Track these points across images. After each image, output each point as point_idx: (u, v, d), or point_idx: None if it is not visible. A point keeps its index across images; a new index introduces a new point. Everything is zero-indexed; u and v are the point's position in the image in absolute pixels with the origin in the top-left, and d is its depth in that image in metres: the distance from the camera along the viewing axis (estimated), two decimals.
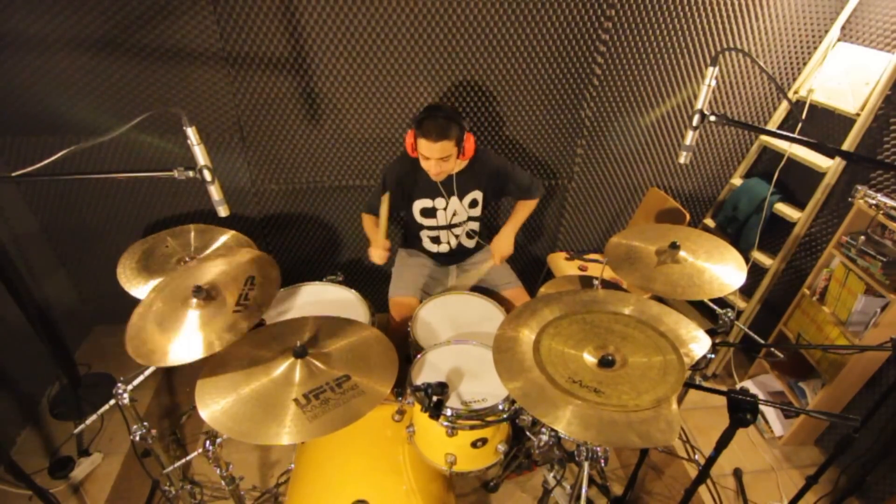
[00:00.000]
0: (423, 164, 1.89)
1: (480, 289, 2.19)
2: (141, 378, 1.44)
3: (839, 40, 2.17)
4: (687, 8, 2.09)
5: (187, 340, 1.26)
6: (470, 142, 1.89)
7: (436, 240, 2.16)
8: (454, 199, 2.05)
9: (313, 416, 1.15)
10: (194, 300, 1.32)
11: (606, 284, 1.97)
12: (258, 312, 1.33)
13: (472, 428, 1.44)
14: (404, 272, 2.19)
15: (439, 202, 2.05)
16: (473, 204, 2.09)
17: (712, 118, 1.32)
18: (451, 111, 1.84)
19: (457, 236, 2.16)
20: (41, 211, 2.29)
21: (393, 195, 2.00)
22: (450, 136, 1.78)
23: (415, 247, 2.24)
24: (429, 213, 2.08)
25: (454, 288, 2.16)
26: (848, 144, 2.02)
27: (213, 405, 1.17)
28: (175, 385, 2.42)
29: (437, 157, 1.82)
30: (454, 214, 2.09)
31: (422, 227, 2.12)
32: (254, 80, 2.07)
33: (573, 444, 1.41)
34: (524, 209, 2.19)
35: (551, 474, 1.73)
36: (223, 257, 1.51)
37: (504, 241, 2.11)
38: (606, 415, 1.07)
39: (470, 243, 2.23)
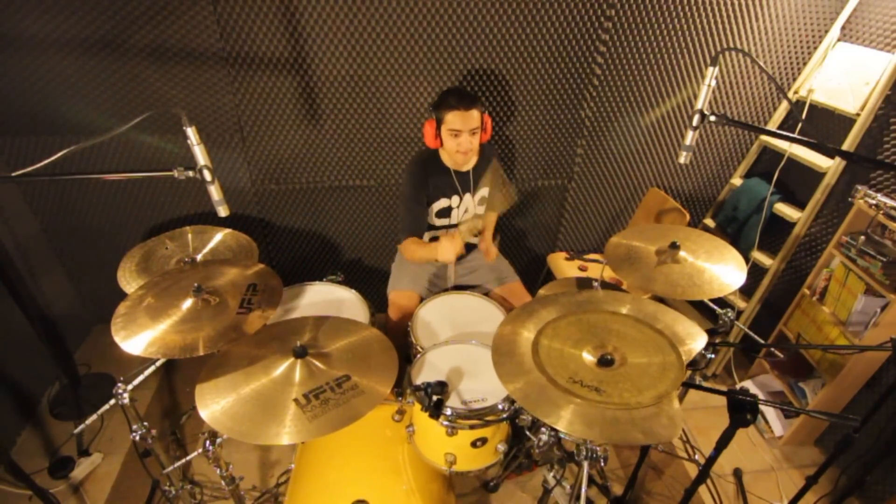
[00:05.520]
0: (452, 143, 1.86)
1: (480, 288, 2.19)
2: (141, 378, 1.44)
3: (839, 40, 2.17)
4: (687, 8, 2.09)
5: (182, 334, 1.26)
6: (489, 121, 1.92)
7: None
8: (468, 196, 2.05)
9: (313, 416, 1.15)
10: (192, 299, 1.32)
11: (606, 285, 1.97)
12: (262, 318, 1.34)
13: (472, 427, 1.44)
14: (404, 268, 2.19)
15: (455, 200, 2.06)
16: (482, 202, 2.10)
17: (712, 118, 1.32)
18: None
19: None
20: (41, 211, 2.29)
21: (419, 196, 1.98)
22: (478, 105, 1.82)
23: None
24: (444, 213, 2.08)
25: (454, 287, 2.16)
26: (848, 144, 2.02)
27: (213, 405, 1.17)
28: (175, 385, 2.42)
29: (469, 129, 1.81)
30: (465, 212, 2.10)
31: (432, 227, 2.11)
32: (254, 80, 2.07)
33: (573, 444, 1.41)
34: (492, 217, 2.24)
35: (551, 474, 1.73)
36: (227, 265, 1.52)
37: (490, 243, 2.19)
38: (609, 413, 1.07)
39: (474, 239, 2.23)
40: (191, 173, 1.21)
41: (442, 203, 2.05)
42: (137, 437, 1.49)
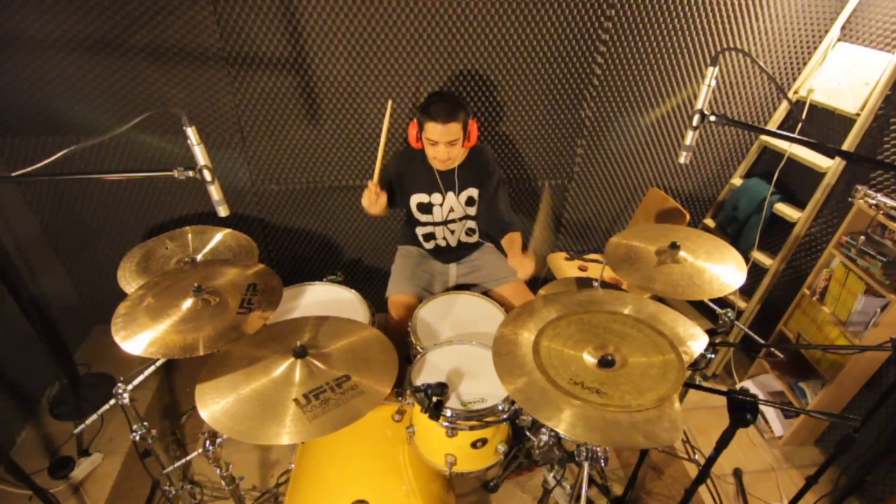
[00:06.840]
0: (431, 151, 1.89)
1: (481, 287, 2.19)
2: (141, 378, 1.44)
3: (839, 40, 2.17)
4: (687, 8, 2.09)
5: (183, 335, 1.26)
6: (474, 127, 1.92)
7: (430, 236, 2.17)
8: (451, 194, 2.05)
9: (313, 416, 1.15)
10: (193, 299, 1.32)
11: (606, 285, 1.97)
12: (262, 318, 1.34)
13: (472, 428, 1.44)
14: (403, 270, 2.19)
15: (436, 198, 2.05)
16: (470, 202, 2.09)
17: (712, 118, 1.32)
18: (456, 96, 1.89)
19: (453, 232, 2.16)
20: (41, 211, 2.29)
21: (392, 188, 2.03)
22: (457, 118, 1.81)
23: (413, 243, 2.24)
24: (425, 208, 2.08)
25: (455, 287, 2.16)
26: (848, 144, 2.02)
27: (213, 405, 1.17)
28: (175, 385, 2.42)
29: (445, 141, 1.82)
30: (450, 211, 2.09)
31: (417, 222, 2.12)
32: (254, 80, 2.07)
33: (573, 444, 1.41)
34: (517, 238, 2.05)
35: (551, 474, 1.73)
36: (227, 265, 1.52)
37: (525, 261, 1.96)
38: (610, 416, 1.07)
39: (470, 239, 2.23)
40: (191, 173, 1.21)
41: (421, 198, 2.06)
42: (137, 437, 1.49)
